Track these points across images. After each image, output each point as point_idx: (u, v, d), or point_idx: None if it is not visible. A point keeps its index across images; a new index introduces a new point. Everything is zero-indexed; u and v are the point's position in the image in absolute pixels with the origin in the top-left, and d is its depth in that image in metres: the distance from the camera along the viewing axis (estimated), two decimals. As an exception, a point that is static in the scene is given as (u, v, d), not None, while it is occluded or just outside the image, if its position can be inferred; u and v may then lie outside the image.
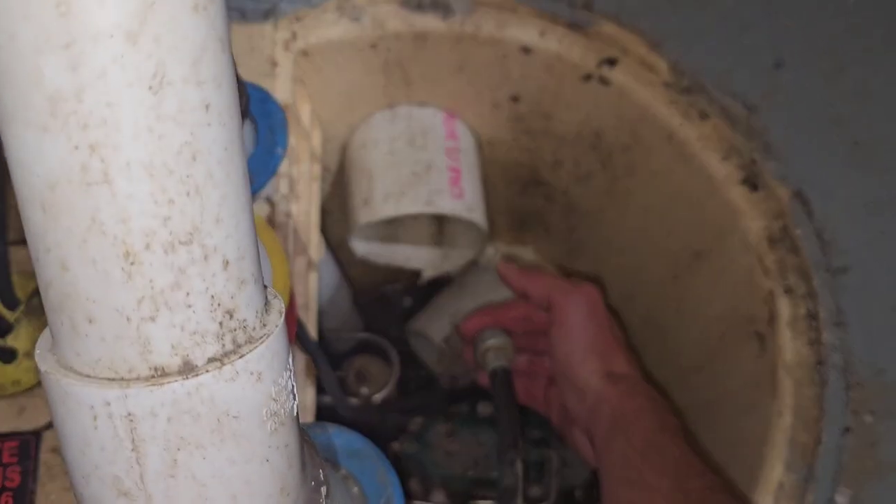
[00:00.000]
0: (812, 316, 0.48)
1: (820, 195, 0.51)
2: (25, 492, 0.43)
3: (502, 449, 0.58)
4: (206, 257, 0.21)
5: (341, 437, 0.43)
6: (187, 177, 0.20)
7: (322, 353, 0.52)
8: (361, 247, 0.70)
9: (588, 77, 0.58)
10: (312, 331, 0.54)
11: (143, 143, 0.19)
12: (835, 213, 0.51)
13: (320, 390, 0.57)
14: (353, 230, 0.66)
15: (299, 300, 0.53)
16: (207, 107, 0.20)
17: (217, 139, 0.20)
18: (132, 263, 0.20)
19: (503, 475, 0.57)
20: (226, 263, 0.21)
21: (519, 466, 0.57)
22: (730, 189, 0.53)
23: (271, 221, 0.52)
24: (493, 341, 0.63)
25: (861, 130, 0.53)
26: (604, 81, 0.57)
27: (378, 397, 0.69)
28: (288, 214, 0.53)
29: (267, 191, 0.53)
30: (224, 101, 0.20)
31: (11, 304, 0.45)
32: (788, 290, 0.50)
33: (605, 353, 0.56)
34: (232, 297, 0.21)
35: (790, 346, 0.48)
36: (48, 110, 0.18)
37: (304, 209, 0.57)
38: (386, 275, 0.76)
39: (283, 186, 0.54)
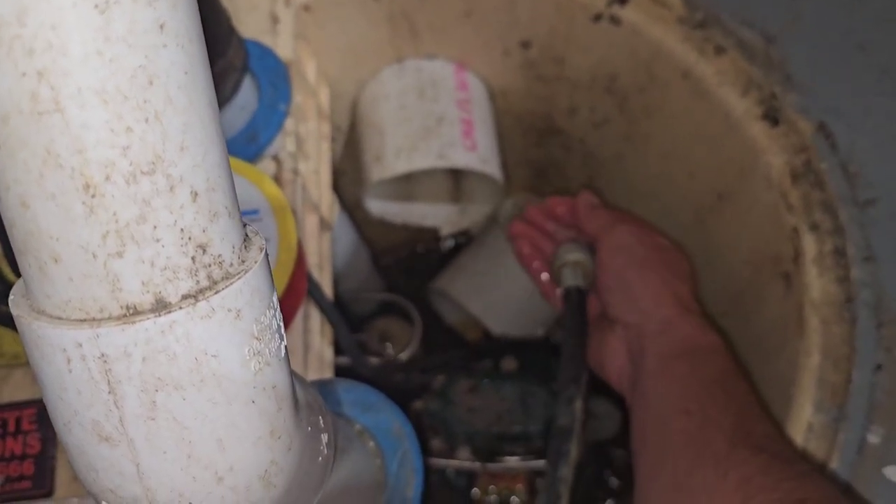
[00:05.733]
0: (840, 252, 0.46)
1: (845, 127, 0.49)
2: (46, 457, 0.43)
3: (562, 383, 0.50)
4: (171, 188, 0.20)
5: (354, 392, 0.42)
6: (144, 102, 0.19)
7: (337, 311, 0.51)
8: (376, 206, 0.69)
9: (598, 17, 0.56)
10: (328, 290, 0.53)
11: (93, 67, 0.18)
12: (861, 145, 0.48)
13: (339, 352, 0.57)
14: (367, 189, 0.65)
15: (312, 259, 0.53)
16: (162, 27, 0.19)
17: (175, 62, 0.19)
18: (93, 196, 0.19)
19: (559, 413, 0.49)
20: (194, 195, 0.20)
21: (578, 406, 0.50)
22: (750, 125, 0.51)
23: (278, 179, 0.51)
24: (571, 256, 0.56)
25: (888, 57, 0.50)
26: (615, 20, 0.55)
27: (402, 357, 0.69)
28: (295, 172, 0.52)
29: (273, 149, 0.52)
30: (181, 20, 0.19)
31: (22, 272, 0.45)
32: (814, 227, 0.48)
33: (675, 283, 0.54)
34: (204, 231, 0.21)
35: (817, 283, 0.46)
36: (-9, 35, 0.17)
37: (314, 168, 0.56)
38: (404, 234, 0.75)
39: (290, 144, 0.53)
